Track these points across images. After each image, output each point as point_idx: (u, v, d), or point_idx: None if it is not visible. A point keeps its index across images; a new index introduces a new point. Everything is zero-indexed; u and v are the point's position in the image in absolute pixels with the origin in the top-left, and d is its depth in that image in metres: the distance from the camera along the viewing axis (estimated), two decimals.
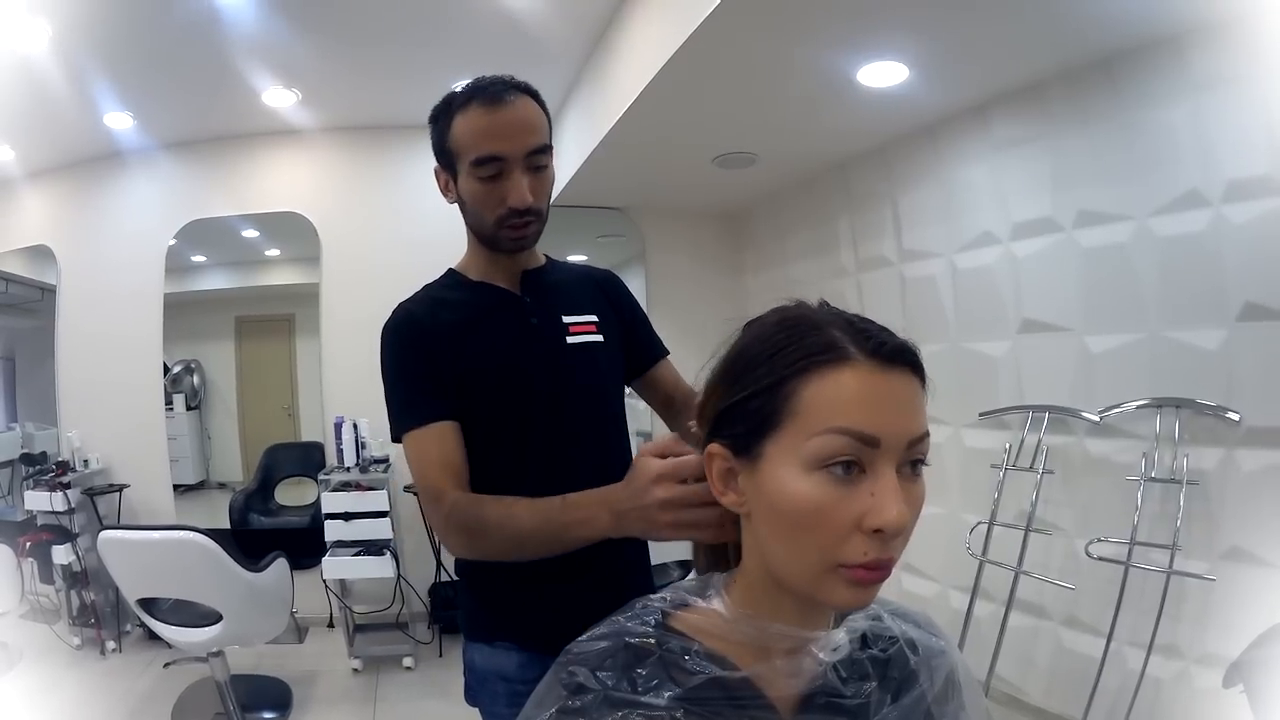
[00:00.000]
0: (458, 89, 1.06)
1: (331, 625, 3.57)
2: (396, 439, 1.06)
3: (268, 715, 2.78)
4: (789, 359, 0.54)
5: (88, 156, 3.73)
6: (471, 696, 1.15)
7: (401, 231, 3.73)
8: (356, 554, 3.18)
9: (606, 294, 1.22)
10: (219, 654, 2.43)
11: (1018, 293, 2.45)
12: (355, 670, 3.20)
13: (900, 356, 0.54)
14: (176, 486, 3.85)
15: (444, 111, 1.07)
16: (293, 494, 3.96)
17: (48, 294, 3.86)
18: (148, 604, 2.39)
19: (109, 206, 3.84)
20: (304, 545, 3.27)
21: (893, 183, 2.95)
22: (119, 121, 3.41)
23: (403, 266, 1.99)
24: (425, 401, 1.04)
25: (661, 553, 1.18)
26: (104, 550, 2.28)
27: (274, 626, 2.54)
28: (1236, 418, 1.88)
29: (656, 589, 0.65)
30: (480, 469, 1.04)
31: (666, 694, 0.54)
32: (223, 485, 4.14)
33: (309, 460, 3.80)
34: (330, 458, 3.56)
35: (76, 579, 3.35)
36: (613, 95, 2.68)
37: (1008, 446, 2.43)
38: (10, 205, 3.93)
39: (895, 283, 2.97)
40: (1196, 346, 1.97)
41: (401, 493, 3.41)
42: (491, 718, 1.12)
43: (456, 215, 1.12)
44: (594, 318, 1.16)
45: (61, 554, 3.30)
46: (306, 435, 3.95)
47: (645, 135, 2.78)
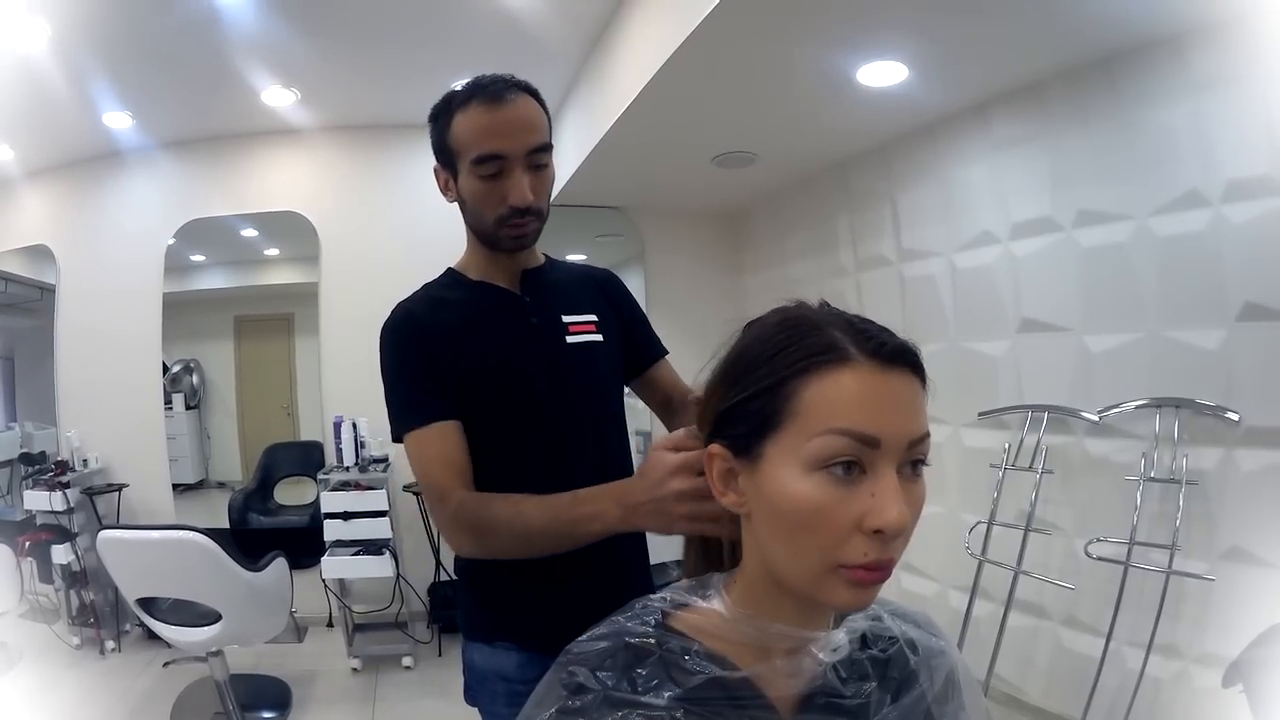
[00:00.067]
0: (457, 88, 1.06)
1: (331, 625, 3.57)
2: (398, 439, 1.06)
3: (267, 715, 2.78)
4: (789, 360, 0.54)
5: (87, 156, 3.73)
6: (471, 696, 1.15)
7: (401, 231, 3.73)
8: (356, 553, 3.18)
9: (606, 293, 1.22)
10: (218, 653, 2.43)
11: (1017, 292, 2.45)
12: (354, 670, 3.20)
13: (901, 357, 0.54)
14: (176, 486, 3.85)
15: (444, 110, 1.07)
16: (292, 493, 3.97)
17: (47, 293, 3.86)
18: (147, 603, 2.39)
19: (108, 206, 3.84)
20: (303, 545, 3.27)
21: (892, 182, 2.95)
22: (118, 121, 3.41)
23: (402, 266, 1.99)
24: (427, 401, 1.04)
25: (660, 552, 1.18)
26: (103, 550, 2.28)
27: (273, 626, 2.54)
28: (1236, 418, 1.88)
29: (655, 588, 0.65)
30: (480, 469, 1.03)
31: (666, 694, 0.54)
32: (222, 485, 4.14)
33: (308, 460, 3.80)
34: (329, 457, 3.56)
35: (76, 579, 3.35)
36: (612, 95, 2.68)
37: (1007, 446, 2.43)
38: (9, 205, 3.93)
39: (894, 282, 2.97)
40: (1196, 346, 1.97)
41: (401, 492, 3.41)
42: (491, 717, 1.12)
43: (456, 214, 1.12)
44: (593, 317, 1.16)
45: (61, 553, 3.30)
46: (306, 435, 3.95)
47: (644, 135, 2.78)
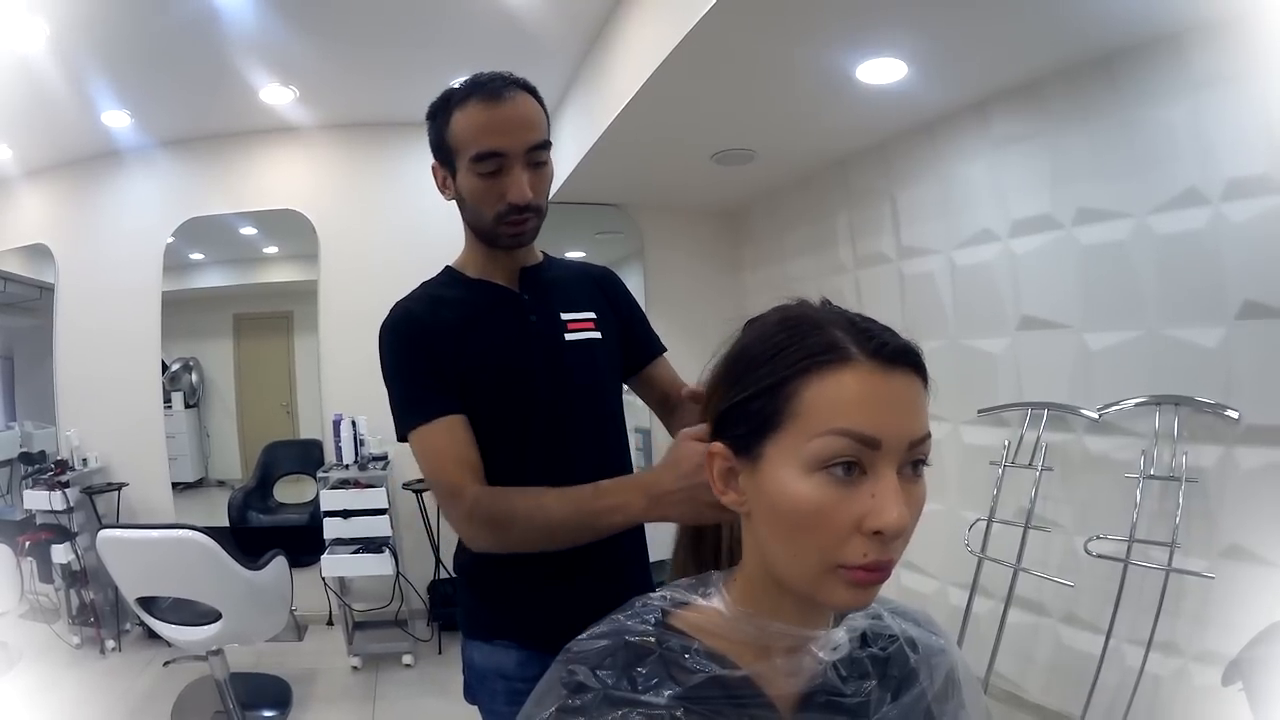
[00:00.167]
0: (456, 85, 1.05)
1: (331, 623, 3.57)
2: (402, 437, 1.05)
3: (267, 713, 2.78)
4: (790, 359, 0.54)
5: (85, 155, 3.72)
6: (471, 694, 1.15)
7: (400, 228, 3.73)
8: (355, 551, 3.18)
9: (604, 291, 1.22)
10: (218, 652, 2.43)
11: (1017, 290, 2.45)
12: (355, 668, 3.20)
13: (902, 357, 0.54)
14: (175, 485, 3.85)
15: (442, 108, 1.06)
16: (291, 491, 3.96)
17: (46, 292, 3.86)
18: (147, 603, 2.39)
19: (107, 205, 3.84)
20: (303, 543, 3.27)
21: (891, 179, 2.95)
22: (117, 120, 3.40)
23: (401, 263, 1.99)
24: (430, 397, 1.03)
25: (660, 549, 1.18)
26: (103, 549, 2.28)
27: (273, 624, 2.54)
28: (1235, 415, 1.88)
29: (655, 586, 0.65)
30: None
31: (666, 692, 0.54)
32: (221, 483, 4.13)
33: (308, 458, 3.80)
34: (329, 455, 3.56)
35: (76, 578, 3.35)
36: (611, 92, 2.67)
37: (1007, 443, 2.43)
38: (8, 204, 3.92)
39: (894, 279, 2.97)
40: (1195, 344, 1.97)
41: (400, 490, 3.41)
42: (491, 715, 1.12)
43: (455, 212, 1.12)
44: (592, 315, 1.16)
45: (61, 553, 3.29)
46: (305, 433, 3.95)
47: (643, 132, 2.78)
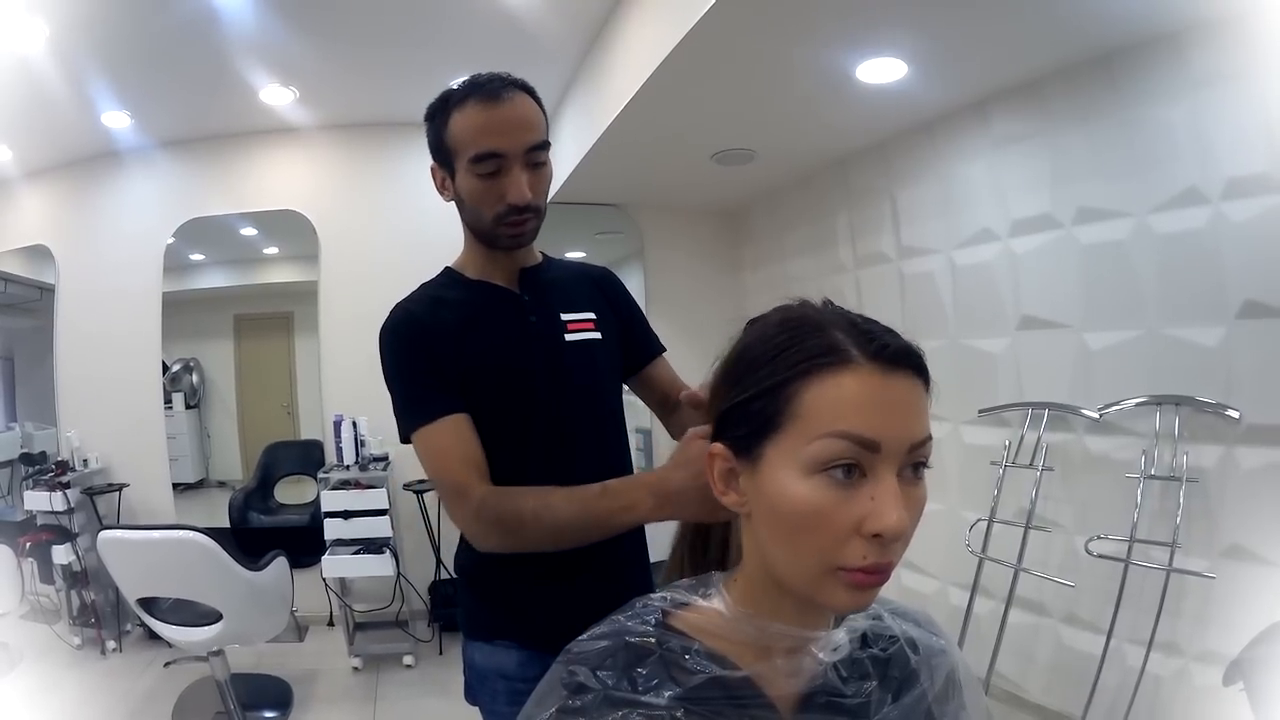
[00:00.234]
0: (454, 86, 1.06)
1: (331, 624, 3.57)
2: (405, 438, 1.05)
3: (268, 714, 2.78)
4: (790, 361, 0.54)
5: (85, 156, 3.72)
6: (471, 695, 1.15)
7: (400, 229, 3.73)
8: (356, 552, 3.18)
9: (604, 291, 1.22)
10: (219, 653, 2.43)
11: (1017, 289, 2.44)
12: (355, 669, 3.20)
13: (903, 359, 0.54)
14: (176, 485, 3.85)
15: (441, 109, 1.06)
16: (292, 492, 3.96)
17: (46, 293, 3.86)
18: (148, 603, 2.39)
19: (107, 206, 3.84)
20: (304, 544, 3.27)
21: (891, 179, 2.95)
22: (117, 120, 3.40)
23: (401, 264, 1.99)
24: (433, 397, 1.03)
25: (661, 550, 1.18)
26: (104, 550, 2.28)
27: (274, 625, 2.54)
28: (1236, 415, 1.87)
29: (655, 586, 0.65)
30: None
31: (667, 693, 0.54)
32: (222, 484, 4.13)
33: (308, 458, 3.80)
34: (329, 456, 3.56)
35: (76, 579, 3.35)
36: (610, 92, 2.67)
37: (1007, 443, 2.43)
38: (8, 205, 3.92)
39: (894, 279, 2.97)
40: (1196, 344, 1.97)
41: (401, 491, 3.41)
42: (492, 716, 1.12)
43: (455, 212, 1.12)
44: (591, 315, 1.16)
45: (61, 554, 3.30)
46: (306, 433, 3.95)
47: (643, 132, 2.78)
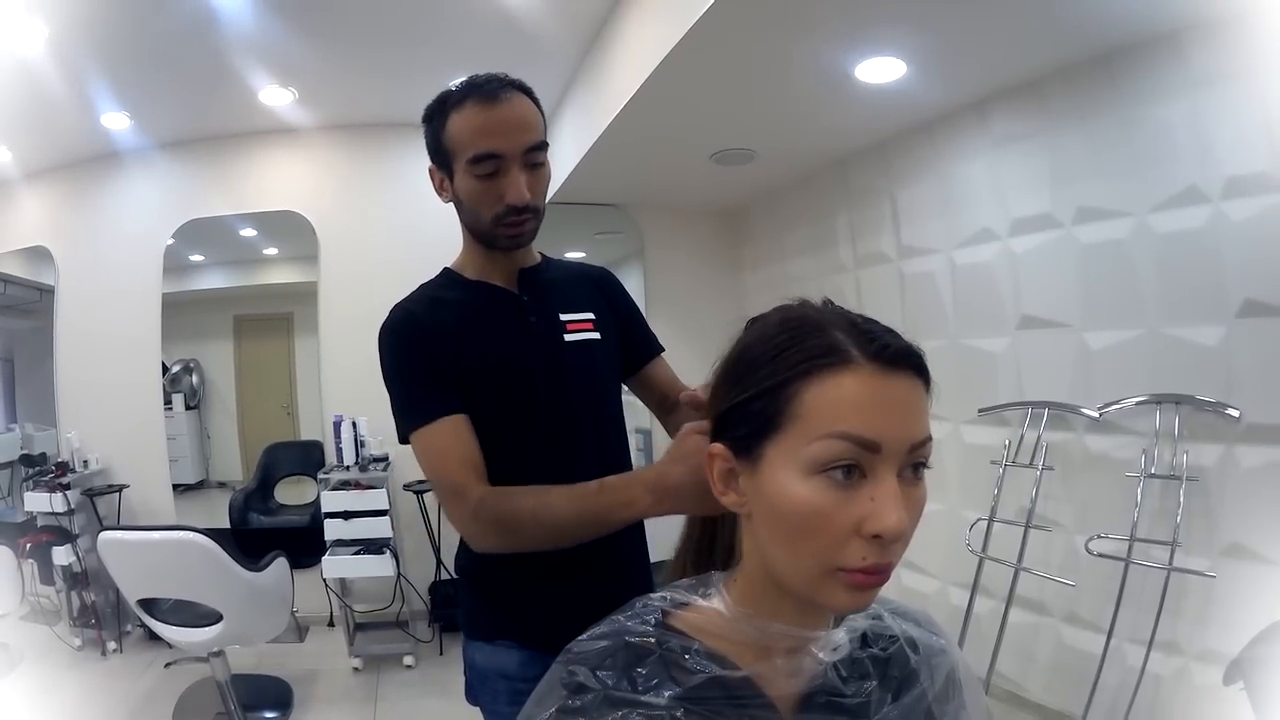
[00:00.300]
0: (452, 87, 1.06)
1: (332, 624, 3.57)
2: (404, 439, 1.05)
3: (269, 715, 2.78)
4: (790, 361, 0.54)
5: (85, 157, 3.72)
6: (472, 695, 1.15)
7: (399, 229, 3.72)
8: (356, 553, 3.18)
9: (603, 291, 1.22)
10: (219, 654, 2.43)
11: (1017, 289, 2.44)
12: (356, 669, 3.20)
13: (904, 360, 0.53)
14: (176, 486, 3.85)
15: (439, 110, 1.06)
16: (292, 493, 3.96)
17: (46, 295, 3.86)
18: (148, 604, 2.39)
19: (106, 207, 3.84)
20: (304, 544, 3.27)
21: (891, 179, 2.95)
22: (116, 121, 3.40)
23: (401, 264, 1.99)
24: (432, 398, 1.03)
25: (661, 549, 1.18)
26: (104, 551, 2.28)
27: (274, 626, 2.54)
28: (1236, 414, 1.87)
29: (656, 586, 0.65)
30: None
31: (667, 693, 0.54)
32: (222, 485, 4.13)
33: (308, 459, 3.80)
34: (329, 456, 3.56)
35: (77, 580, 3.35)
36: (610, 92, 2.67)
37: (1007, 443, 2.43)
38: (8, 206, 3.92)
39: (894, 279, 2.97)
40: (1196, 343, 1.97)
41: (401, 491, 3.41)
42: (493, 716, 1.12)
43: (454, 213, 1.12)
44: (591, 315, 1.16)
45: (62, 555, 3.30)
46: (306, 434, 3.95)
47: (643, 132, 2.78)
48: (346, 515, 3.18)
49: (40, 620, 3.43)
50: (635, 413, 1.31)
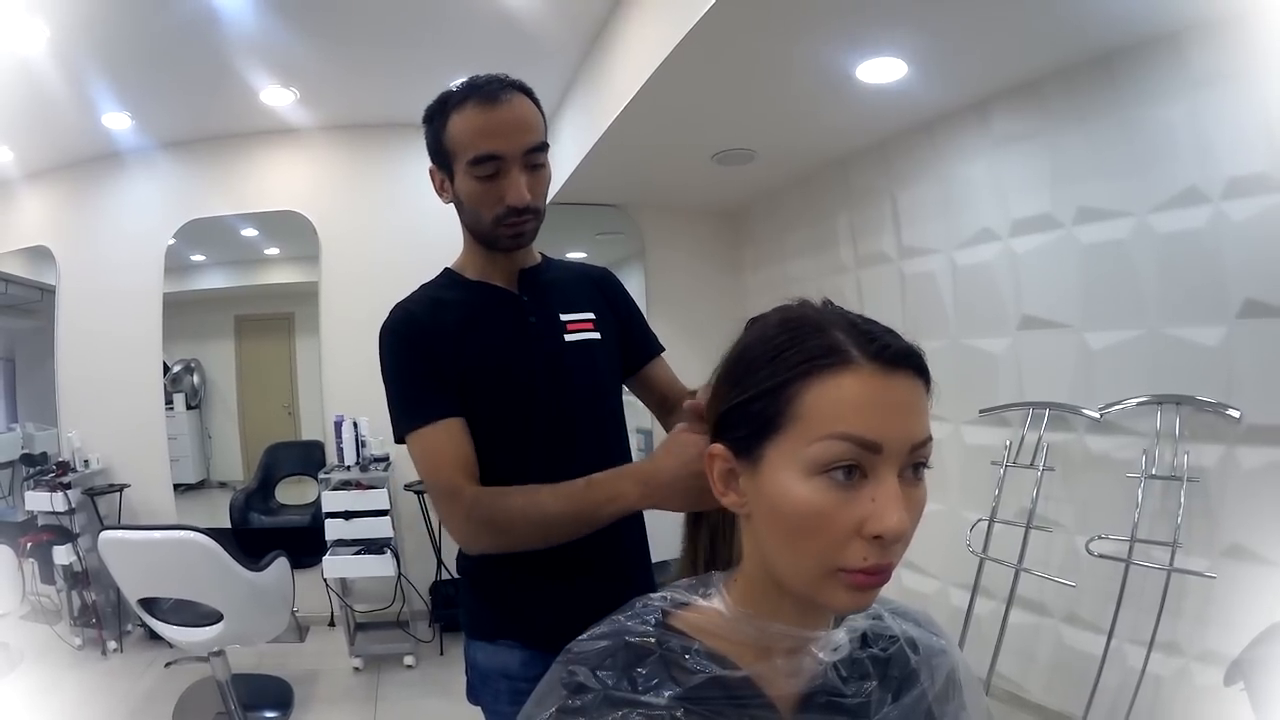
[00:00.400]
0: (452, 88, 1.06)
1: (332, 624, 3.57)
2: (400, 439, 1.05)
3: (269, 714, 2.78)
4: (790, 362, 0.54)
5: (86, 157, 3.72)
6: (474, 695, 1.15)
7: (401, 229, 3.73)
8: (357, 553, 3.18)
9: (603, 291, 1.22)
10: (220, 653, 2.43)
11: (1017, 289, 2.44)
12: (356, 669, 3.20)
13: (904, 360, 0.53)
14: (177, 486, 3.85)
15: (439, 111, 1.06)
16: (293, 493, 3.96)
17: (47, 294, 3.86)
18: (149, 604, 2.39)
19: (108, 206, 3.84)
20: (305, 544, 3.27)
21: (892, 179, 2.95)
22: (117, 121, 3.40)
23: (402, 264, 1.99)
24: (430, 399, 1.03)
25: (662, 550, 1.18)
26: (105, 550, 2.28)
27: (275, 626, 2.54)
28: (1237, 415, 1.87)
29: (657, 586, 0.65)
30: (481, 469, 1.03)
31: (667, 693, 0.54)
32: (223, 484, 4.14)
33: (309, 459, 3.80)
34: (330, 456, 3.56)
35: (77, 579, 3.35)
36: (611, 92, 2.67)
37: (1008, 443, 2.43)
38: (9, 206, 3.93)
39: (895, 279, 2.97)
40: (1197, 343, 1.97)
41: (402, 491, 3.41)
42: (494, 716, 1.12)
43: (455, 213, 1.12)
44: (591, 315, 1.16)
45: (62, 554, 3.30)
46: (307, 434, 3.95)
47: (643, 132, 2.78)
48: (347, 515, 3.18)
49: (41, 619, 3.44)
50: (636, 413, 1.31)
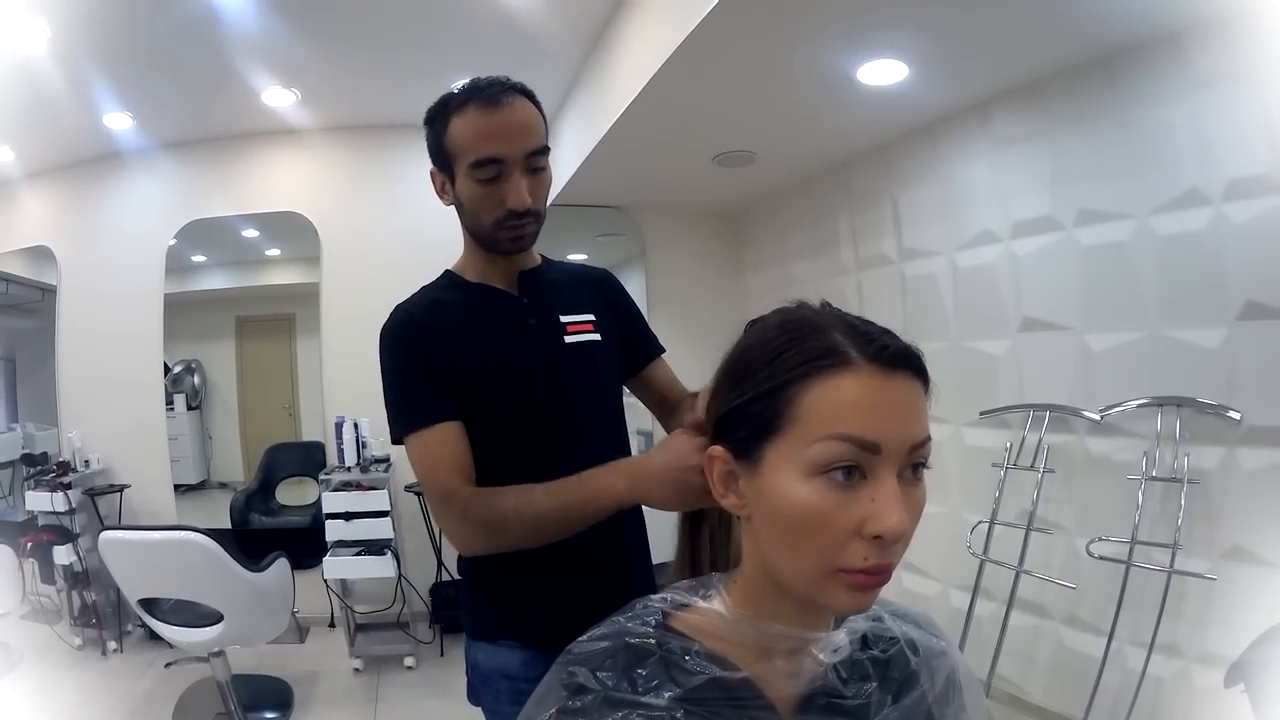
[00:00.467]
0: (454, 90, 1.06)
1: (333, 625, 3.57)
2: (398, 441, 1.05)
3: (269, 715, 2.78)
4: (790, 364, 0.54)
5: (87, 157, 3.73)
6: (474, 695, 1.15)
7: (401, 230, 3.73)
8: (357, 554, 3.18)
9: (603, 293, 1.22)
10: (220, 654, 2.43)
11: (1018, 291, 2.44)
12: (356, 670, 3.20)
13: (902, 360, 0.54)
14: (177, 486, 3.85)
15: (440, 113, 1.06)
16: (294, 494, 3.96)
17: (48, 294, 3.86)
18: (149, 604, 2.39)
19: (109, 207, 3.84)
20: (305, 545, 3.27)
21: (893, 181, 2.95)
22: (118, 122, 3.41)
23: (403, 265, 1.99)
24: (428, 402, 1.04)
25: (663, 551, 1.18)
26: (105, 550, 2.28)
27: (275, 626, 2.54)
28: (1237, 416, 1.87)
29: (658, 587, 0.65)
30: (481, 471, 1.03)
31: (667, 694, 0.54)
32: (224, 485, 4.14)
33: (310, 460, 3.80)
34: (331, 457, 3.56)
35: (78, 579, 3.35)
36: (612, 94, 2.67)
37: (1009, 445, 2.43)
38: (10, 206, 3.94)
39: (896, 281, 2.97)
40: (1197, 345, 1.97)
41: (402, 492, 3.41)
42: (495, 716, 1.12)
43: (456, 215, 1.12)
44: (591, 317, 1.16)
45: (63, 554, 3.30)
46: (307, 435, 3.95)
47: (645, 134, 2.78)
48: (348, 516, 3.18)
49: (41, 619, 3.44)
50: (636, 414, 1.31)
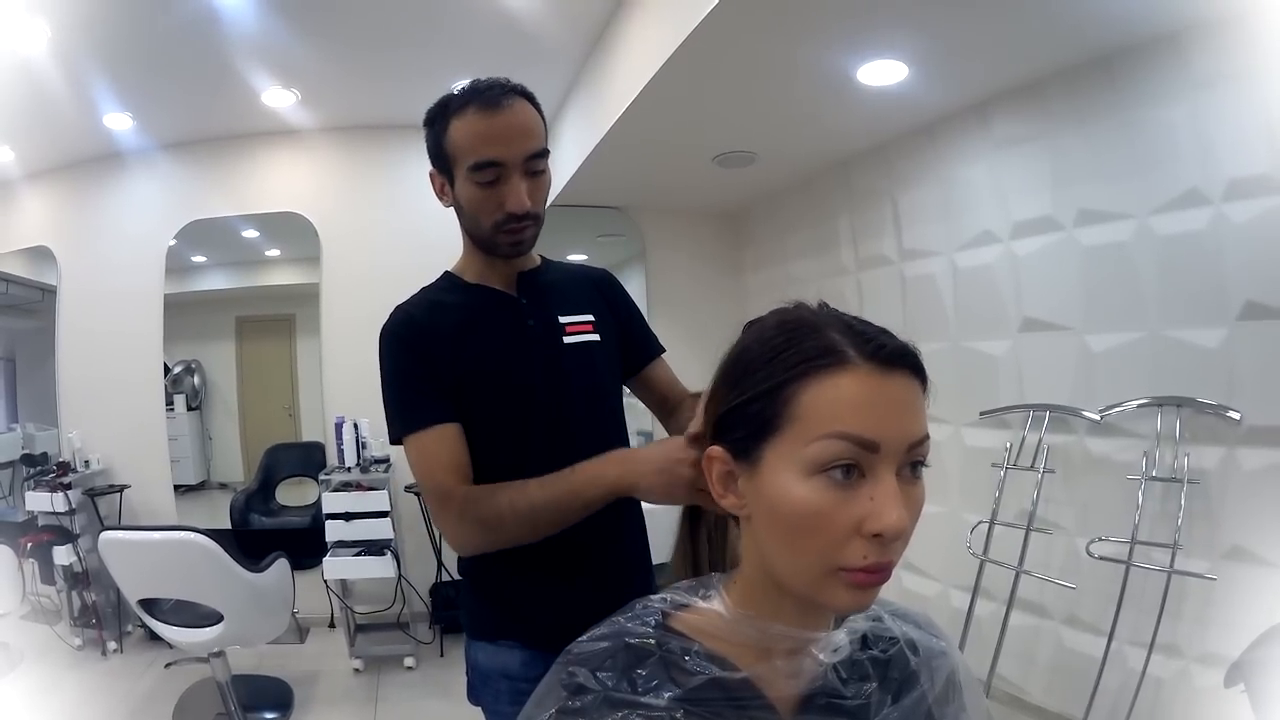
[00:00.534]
0: (454, 92, 1.05)
1: (333, 625, 3.57)
2: (396, 441, 1.06)
3: (269, 715, 2.78)
4: (787, 363, 0.54)
5: (87, 157, 3.73)
6: (474, 695, 1.15)
7: (401, 231, 3.73)
8: (357, 554, 3.18)
9: (603, 293, 1.22)
10: (220, 654, 2.43)
11: (1018, 291, 2.44)
12: (356, 670, 3.20)
13: (900, 359, 0.54)
14: (177, 487, 3.85)
15: (440, 115, 1.06)
16: (293, 494, 3.96)
17: (48, 295, 3.86)
18: (149, 604, 2.39)
19: (109, 207, 3.85)
20: (305, 545, 3.27)
21: (893, 181, 2.95)
22: (118, 122, 3.41)
23: (403, 266, 2.00)
24: (427, 403, 1.04)
25: (663, 552, 1.18)
26: (105, 551, 2.28)
27: (275, 627, 2.54)
28: (1237, 417, 1.87)
29: (658, 588, 0.65)
30: (480, 471, 1.04)
31: (666, 694, 0.54)
32: (223, 485, 4.14)
33: (310, 460, 3.80)
34: (331, 458, 3.56)
35: (78, 580, 3.35)
36: (612, 94, 2.67)
37: (1008, 445, 2.43)
38: (10, 206, 3.94)
39: (895, 281, 2.97)
40: (1197, 345, 1.97)
41: (402, 493, 3.41)
42: (495, 716, 1.12)
43: (456, 216, 1.12)
44: (590, 317, 1.16)
45: (62, 555, 3.30)
46: (307, 435, 3.95)
47: (645, 134, 2.78)
48: (348, 516, 3.18)
49: (41, 620, 3.44)
50: (636, 414, 1.31)
